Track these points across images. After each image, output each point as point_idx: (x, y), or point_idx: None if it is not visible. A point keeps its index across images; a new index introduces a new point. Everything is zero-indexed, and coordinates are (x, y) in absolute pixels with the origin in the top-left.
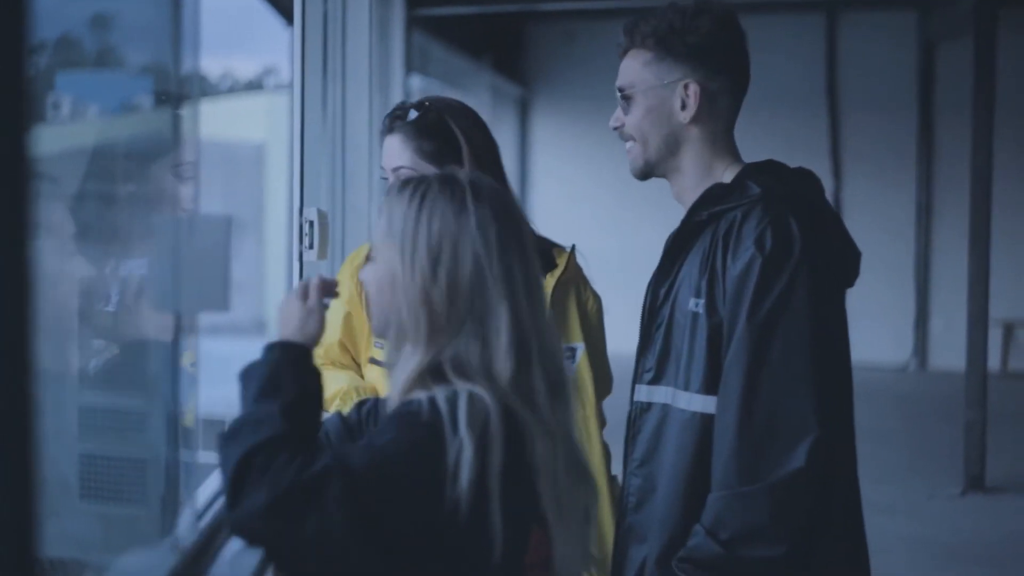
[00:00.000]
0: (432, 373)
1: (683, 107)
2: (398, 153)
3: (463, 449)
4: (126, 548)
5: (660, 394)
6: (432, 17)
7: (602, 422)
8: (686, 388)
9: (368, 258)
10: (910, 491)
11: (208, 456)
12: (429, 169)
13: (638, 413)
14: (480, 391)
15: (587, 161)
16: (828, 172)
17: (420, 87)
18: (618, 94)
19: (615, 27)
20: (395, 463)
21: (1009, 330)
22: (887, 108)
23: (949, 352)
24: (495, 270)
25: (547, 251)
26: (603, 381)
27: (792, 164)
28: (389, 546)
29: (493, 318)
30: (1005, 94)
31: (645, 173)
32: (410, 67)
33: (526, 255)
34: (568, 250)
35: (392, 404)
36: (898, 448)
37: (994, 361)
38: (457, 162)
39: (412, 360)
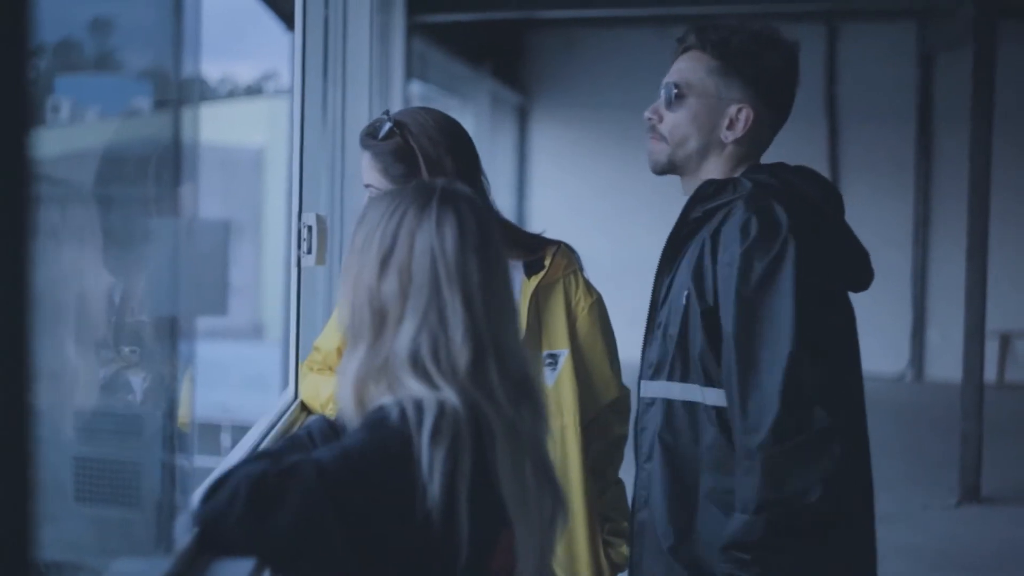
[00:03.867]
0: (389, 371)
1: (729, 126)
2: (368, 172)
3: (434, 459)
4: (121, 551)
5: (660, 388)
6: (432, 24)
7: (612, 422)
8: (682, 379)
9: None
10: (906, 501)
11: (204, 460)
12: None
13: (643, 409)
14: (449, 398)
15: (586, 169)
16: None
17: (420, 93)
18: (665, 88)
19: (615, 35)
20: (364, 461)
21: (1005, 341)
22: (886, 119)
23: (945, 363)
24: (450, 267)
25: (536, 252)
26: (600, 384)
27: None
28: (358, 543)
29: (448, 313)
30: (1004, 105)
31: (664, 169)
32: (410, 73)
33: (489, 258)
34: (555, 248)
35: (344, 403)
36: (894, 458)
37: (990, 372)
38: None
39: (362, 357)
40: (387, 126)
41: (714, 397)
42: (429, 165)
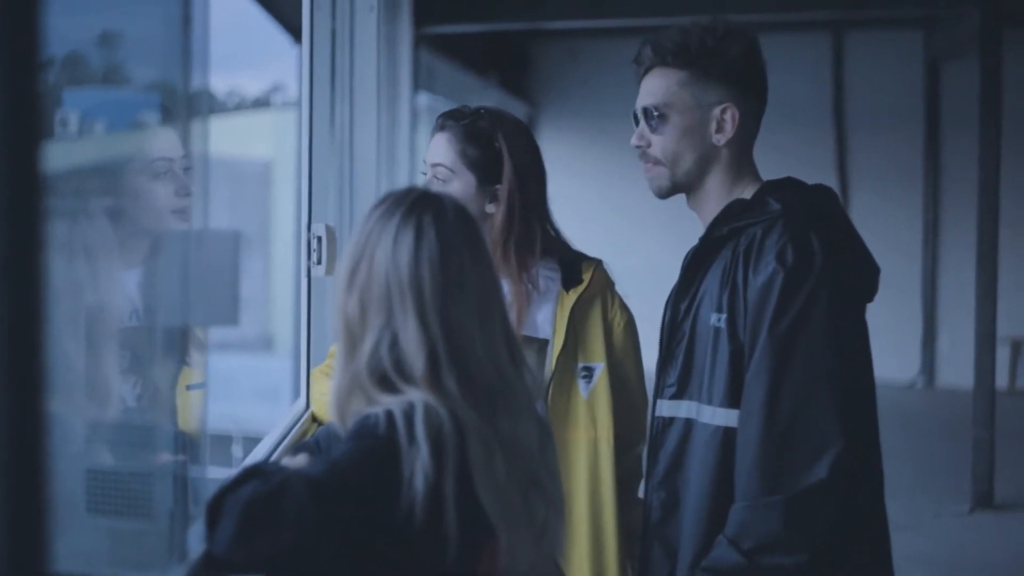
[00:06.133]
0: (362, 386)
1: (718, 130)
2: (442, 151)
3: (418, 458)
4: (134, 563)
5: (683, 409)
6: (439, 35)
7: (636, 441)
8: (709, 402)
9: None
10: (917, 509)
11: (216, 471)
12: (467, 174)
13: (660, 428)
14: (431, 401)
15: (592, 178)
16: (835, 190)
17: (427, 104)
18: (643, 113)
19: (620, 45)
20: (353, 471)
21: (1017, 348)
22: (893, 126)
23: (956, 370)
24: (403, 282)
25: (576, 266)
26: (631, 400)
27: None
28: (351, 551)
29: (401, 328)
30: (1011, 112)
31: (669, 193)
32: (417, 84)
33: (448, 269)
34: (595, 263)
35: (332, 413)
36: (905, 465)
37: (1002, 379)
38: (497, 174)
39: (341, 372)
40: (473, 109)
41: (736, 419)
42: (515, 162)
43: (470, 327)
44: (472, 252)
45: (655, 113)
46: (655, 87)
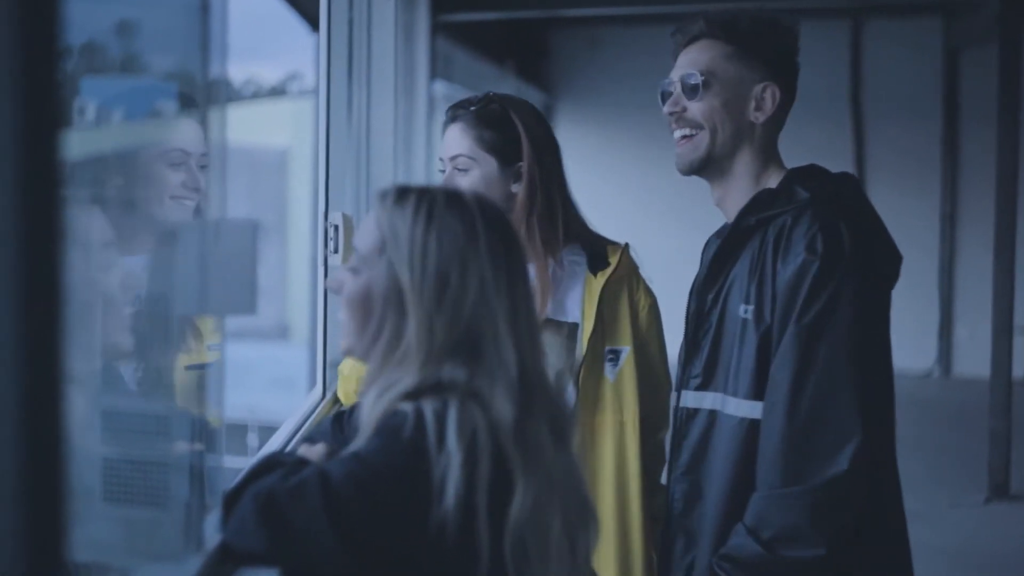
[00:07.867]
0: (419, 391)
1: (757, 107)
2: (457, 141)
3: (449, 466)
4: (150, 552)
5: (708, 400)
6: (456, 23)
7: (660, 425)
8: (735, 394)
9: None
10: (933, 499)
11: (233, 460)
12: (488, 159)
13: (684, 419)
14: (470, 404)
15: (610, 167)
16: None
17: (445, 93)
18: (681, 80)
19: (640, 34)
20: (373, 476)
21: None
22: (911, 116)
23: (973, 360)
24: (501, 301)
25: (601, 250)
26: (655, 384)
27: None
28: (373, 560)
29: (496, 351)
30: None
31: (702, 165)
32: (434, 73)
33: (528, 288)
34: (622, 247)
35: (366, 420)
36: (921, 456)
37: (1019, 369)
38: (517, 153)
39: (400, 381)
40: (481, 96)
41: (760, 411)
42: (528, 132)
43: (542, 355)
44: (512, 257)
45: (698, 80)
46: (699, 57)
